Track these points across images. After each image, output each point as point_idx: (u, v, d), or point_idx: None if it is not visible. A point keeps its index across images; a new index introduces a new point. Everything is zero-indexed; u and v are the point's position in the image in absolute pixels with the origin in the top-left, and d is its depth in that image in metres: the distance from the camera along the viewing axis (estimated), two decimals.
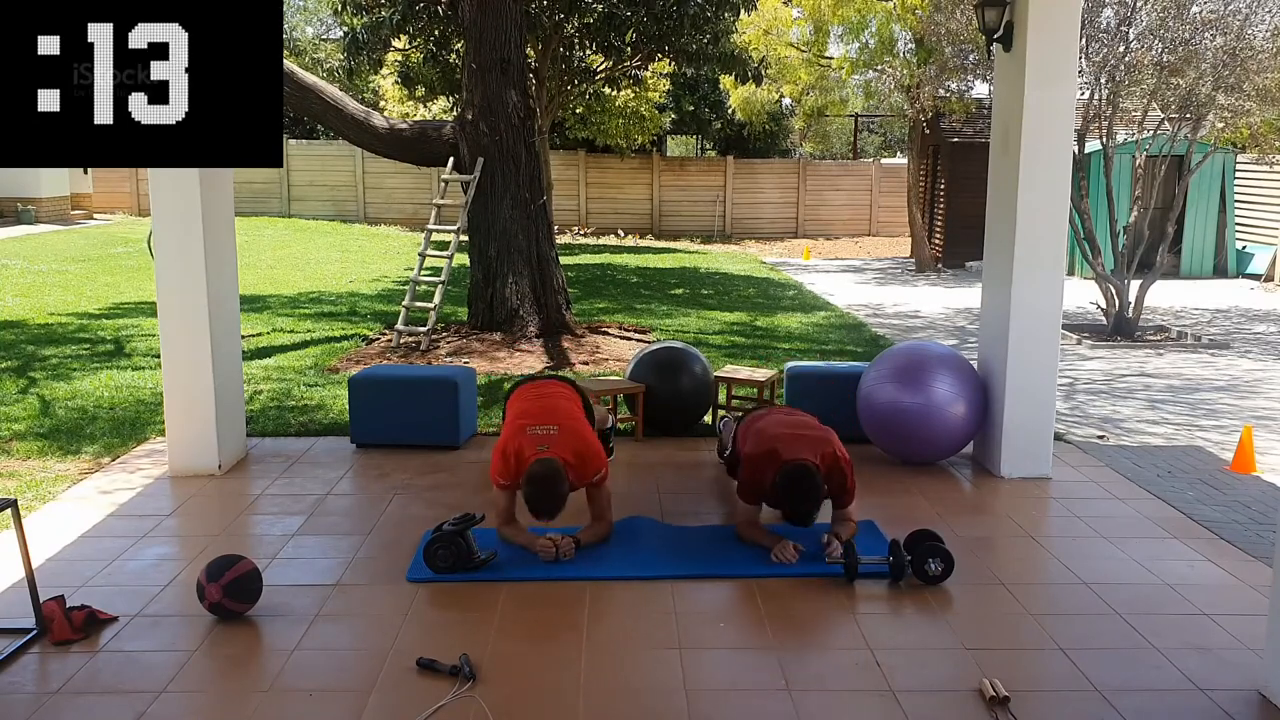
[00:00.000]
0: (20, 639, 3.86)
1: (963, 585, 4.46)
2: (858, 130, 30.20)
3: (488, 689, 3.55)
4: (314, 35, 31.33)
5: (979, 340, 6.48)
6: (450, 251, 10.16)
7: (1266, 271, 16.47)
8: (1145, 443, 7.04)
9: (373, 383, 6.50)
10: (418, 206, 24.08)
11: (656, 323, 11.48)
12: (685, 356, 6.89)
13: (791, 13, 18.59)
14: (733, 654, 3.87)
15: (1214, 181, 16.91)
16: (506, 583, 4.43)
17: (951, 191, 18.75)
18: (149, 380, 8.14)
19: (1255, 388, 8.92)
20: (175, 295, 5.78)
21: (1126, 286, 11.39)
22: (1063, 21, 5.68)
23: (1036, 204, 5.79)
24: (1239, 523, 5.33)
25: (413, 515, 5.28)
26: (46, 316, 11.17)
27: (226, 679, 3.68)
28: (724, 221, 25.44)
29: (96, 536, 4.98)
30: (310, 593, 4.34)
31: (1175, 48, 10.71)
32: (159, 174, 5.71)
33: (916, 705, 3.49)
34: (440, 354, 9.31)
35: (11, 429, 6.83)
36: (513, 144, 9.83)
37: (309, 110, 10.51)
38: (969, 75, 14.06)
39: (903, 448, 6.14)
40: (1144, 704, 3.51)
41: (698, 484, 5.85)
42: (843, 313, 12.87)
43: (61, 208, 23.65)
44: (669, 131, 26.47)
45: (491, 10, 9.70)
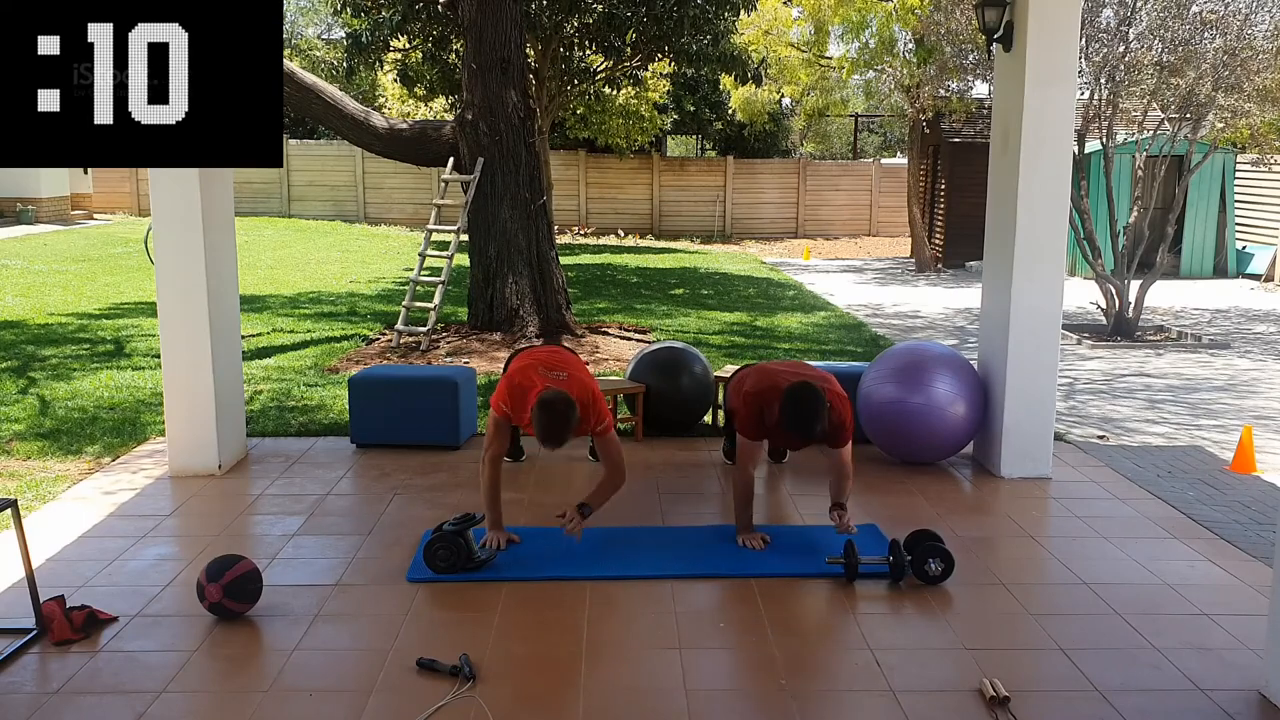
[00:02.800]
0: (20, 639, 3.86)
1: (963, 585, 4.46)
2: (858, 130, 30.21)
3: (488, 689, 3.55)
4: (314, 35, 31.30)
5: (979, 340, 6.48)
6: (450, 251, 10.16)
7: (1266, 271, 16.47)
8: (1145, 443, 7.04)
9: (373, 383, 6.50)
10: (418, 206, 24.09)
11: (656, 323, 11.48)
12: (685, 356, 6.89)
13: (791, 13, 18.59)
14: (733, 654, 3.88)
15: (1214, 181, 16.91)
16: (506, 583, 4.43)
17: (951, 191, 18.75)
18: (149, 380, 8.14)
19: (1255, 388, 8.92)
20: (175, 295, 5.78)
21: (1126, 286, 11.39)
22: (1063, 21, 5.68)
23: (1036, 204, 5.80)
24: (1239, 523, 5.33)
25: (413, 515, 5.28)
26: (46, 316, 11.17)
27: (226, 679, 3.69)
28: (724, 221, 25.44)
29: (96, 536, 4.98)
30: (310, 593, 4.34)
31: (1175, 48, 10.71)
32: (159, 174, 5.71)
33: (916, 705, 3.49)
34: (440, 354, 9.31)
35: (11, 429, 6.83)
36: (513, 144, 9.83)
37: (309, 110, 10.52)
38: (969, 75, 14.05)
39: (903, 448, 6.14)
40: (1144, 704, 3.51)
41: (698, 484, 5.85)
42: (843, 313, 12.87)
43: (61, 208, 23.66)
44: (669, 131, 26.47)
45: (491, 10, 9.71)
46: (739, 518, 4.88)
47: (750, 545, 4.80)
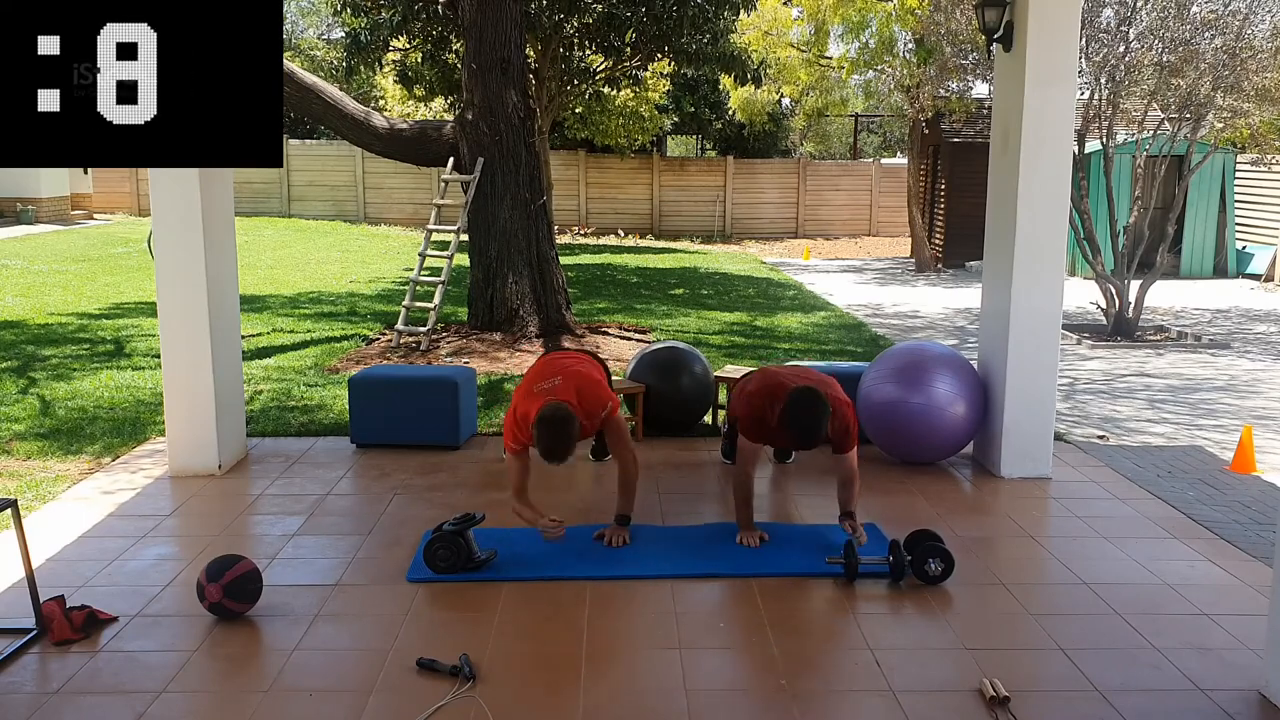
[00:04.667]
0: (20, 639, 3.86)
1: (963, 585, 4.46)
2: (858, 130, 30.19)
3: (488, 689, 3.55)
4: (314, 35, 31.30)
5: (979, 340, 6.48)
6: (450, 251, 10.16)
7: (1266, 271, 16.47)
8: (1145, 443, 7.04)
9: (373, 383, 6.50)
10: (418, 206, 24.10)
11: (656, 323, 11.48)
12: (685, 356, 6.89)
13: (791, 13, 18.57)
14: (733, 654, 3.88)
15: (1214, 181, 16.91)
16: (506, 583, 4.43)
17: (951, 191, 18.75)
18: (149, 380, 8.14)
19: (1255, 388, 8.92)
20: (175, 295, 5.78)
21: (1126, 286, 11.39)
22: (1063, 21, 5.68)
23: (1036, 204, 5.80)
24: (1239, 523, 5.33)
25: (413, 515, 5.28)
26: (46, 316, 11.17)
27: (226, 679, 3.68)
28: (724, 221, 25.44)
29: (96, 536, 4.98)
30: (310, 593, 4.34)
31: (1175, 48, 10.71)
32: (159, 174, 5.71)
33: (916, 705, 3.49)
34: (440, 354, 9.31)
35: (12, 429, 6.83)
36: (513, 144, 9.83)
37: (309, 110, 10.52)
38: (969, 75, 14.06)
39: (903, 448, 6.14)
40: (1144, 704, 3.51)
41: (698, 484, 5.85)
42: (842, 313, 12.87)
43: (61, 208, 23.65)
44: (669, 132, 26.46)
45: (491, 10, 9.71)
46: (739, 517, 4.89)
47: (749, 543, 4.81)
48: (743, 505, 4.88)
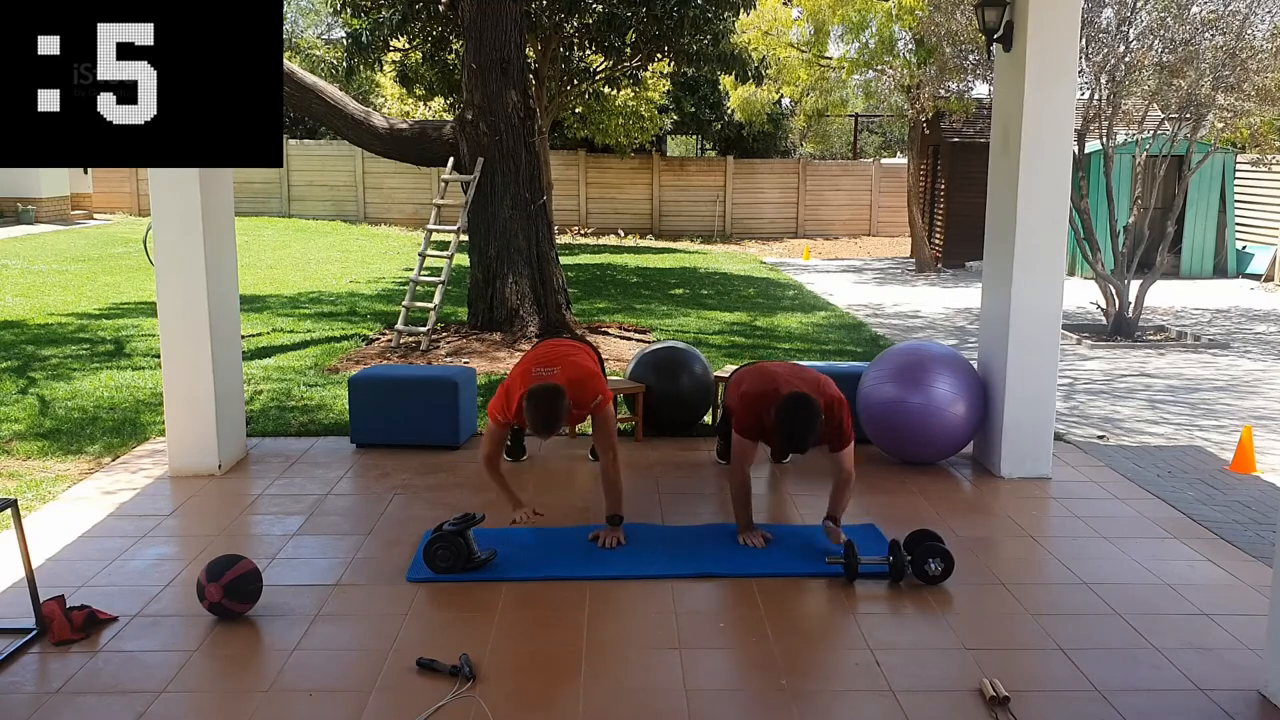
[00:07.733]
0: (20, 639, 3.86)
1: (963, 585, 4.46)
2: (858, 130, 30.19)
3: (488, 689, 3.55)
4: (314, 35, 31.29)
5: (979, 340, 6.48)
6: (450, 251, 10.16)
7: (1266, 271, 16.46)
8: (1145, 443, 7.04)
9: (373, 383, 6.50)
10: (418, 206, 24.09)
11: (656, 323, 11.48)
12: (685, 356, 6.89)
13: (791, 13, 18.58)
14: (733, 654, 3.88)
15: (1214, 181, 16.91)
16: (506, 583, 4.43)
17: (951, 191, 18.75)
18: (149, 380, 8.14)
19: (1255, 388, 8.92)
20: (175, 295, 5.78)
21: (1126, 286, 11.39)
22: (1063, 21, 5.68)
23: (1036, 204, 5.79)
24: (1239, 523, 5.33)
25: (413, 515, 5.28)
26: (46, 316, 11.16)
27: (226, 679, 3.68)
28: (724, 221, 25.44)
29: (96, 536, 4.98)
30: (310, 593, 4.34)
31: (1175, 48, 10.71)
32: (159, 174, 5.71)
33: (916, 705, 3.49)
34: (440, 354, 9.31)
35: (11, 429, 6.83)
36: (513, 144, 9.83)
37: (309, 110, 10.52)
38: (969, 75, 14.05)
39: (903, 448, 6.14)
40: (1144, 704, 3.51)
41: (698, 484, 5.85)
42: (843, 313, 12.87)
43: (61, 208, 23.65)
44: (669, 132, 26.46)
45: (491, 10, 9.71)
46: (739, 517, 4.89)
47: (751, 543, 4.80)
48: (742, 506, 4.87)
